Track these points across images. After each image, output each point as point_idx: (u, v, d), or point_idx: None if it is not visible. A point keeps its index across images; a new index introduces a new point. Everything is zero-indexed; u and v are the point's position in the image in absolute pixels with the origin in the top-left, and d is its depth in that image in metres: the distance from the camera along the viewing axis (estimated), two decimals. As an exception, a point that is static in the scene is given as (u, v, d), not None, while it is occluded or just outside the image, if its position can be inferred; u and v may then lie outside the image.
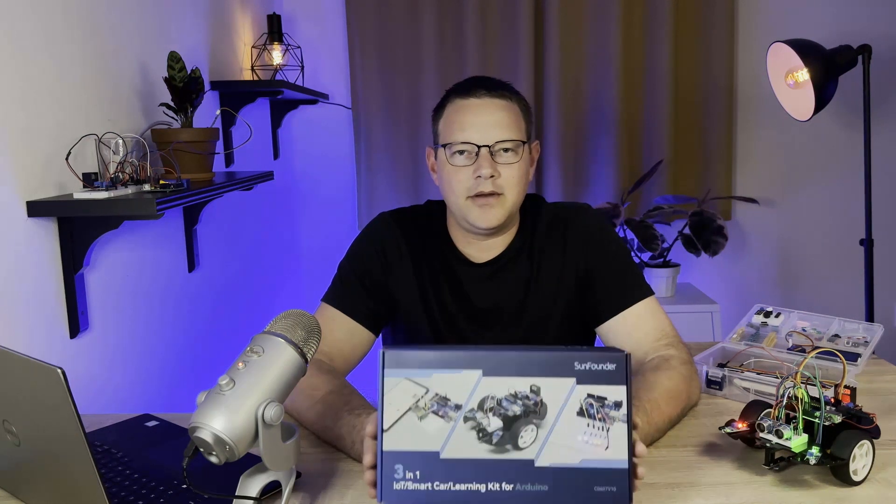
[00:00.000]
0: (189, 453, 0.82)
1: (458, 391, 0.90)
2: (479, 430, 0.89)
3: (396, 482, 0.88)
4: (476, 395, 0.89)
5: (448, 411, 0.89)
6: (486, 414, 0.89)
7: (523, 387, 0.89)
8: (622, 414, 0.89)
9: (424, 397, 0.89)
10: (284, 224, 3.15)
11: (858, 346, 1.41)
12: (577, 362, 0.90)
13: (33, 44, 1.40)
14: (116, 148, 1.57)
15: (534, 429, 0.89)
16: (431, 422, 0.89)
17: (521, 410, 0.89)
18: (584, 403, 0.89)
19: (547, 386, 0.89)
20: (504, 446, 0.89)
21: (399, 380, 0.90)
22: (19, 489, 0.98)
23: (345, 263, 1.41)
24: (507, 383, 0.90)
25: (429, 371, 0.90)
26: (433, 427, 0.89)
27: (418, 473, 0.88)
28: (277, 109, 3.02)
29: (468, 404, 0.89)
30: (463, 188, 1.30)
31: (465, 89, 1.33)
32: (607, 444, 0.88)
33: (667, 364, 1.23)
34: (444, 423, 0.89)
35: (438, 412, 0.89)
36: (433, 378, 0.90)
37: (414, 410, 0.89)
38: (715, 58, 3.12)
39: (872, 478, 0.99)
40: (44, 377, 0.80)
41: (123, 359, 1.71)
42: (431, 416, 0.89)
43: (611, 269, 1.36)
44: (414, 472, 0.88)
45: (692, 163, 3.23)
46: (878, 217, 3.03)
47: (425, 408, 0.89)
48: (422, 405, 0.89)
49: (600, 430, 0.89)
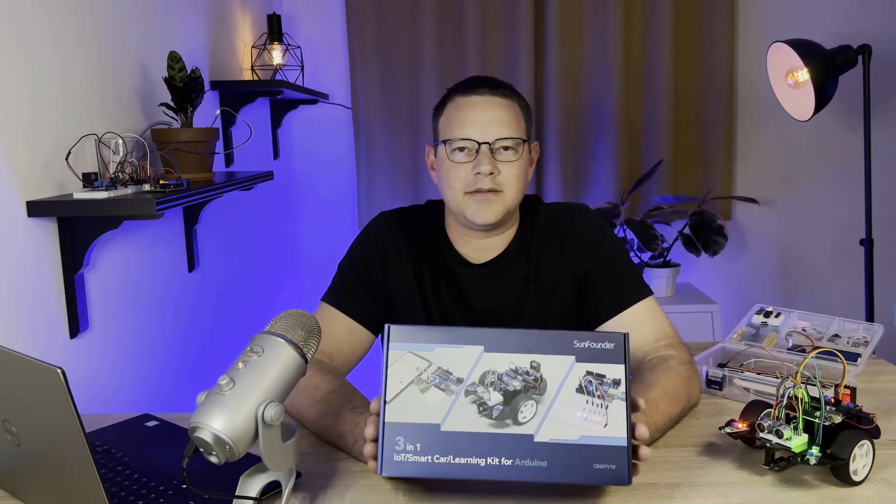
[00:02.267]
0: (189, 453, 0.82)
1: (460, 365, 0.92)
2: (479, 403, 0.91)
3: (397, 454, 0.89)
4: (477, 370, 0.92)
5: (450, 385, 0.91)
6: (486, 388, 0.91)
7: (524, 363, 0.92)
8: (621, 392, 0.91)
9: (427, 370, 0.92)
10: (284, 224, 3.15)
11: (858, 346, 1.41)
12: (576, 341, 0.92)
13: (34, 44, 1.40)
14: (116, 148, 1.57)
15: (533, 404, 0.91)
16: (433, 394, 0.91)
17: (521, 385, 0.91)
18: (584, 380, 0.91)
19: (547, 362, 0.92)
20: (504, 420, 0.90)
21: (403, 353, 0.92)
22: (19, 489, 0.98)
23: (344, 263, 1.41)
24: (507, 359, 0.92)
25: (432, 346, 0.92)
26: (435, 400, 0.91)
27: (419, 446, 0.89)
28: (277, 109, 3.02)
29: (469, 378, 0.91)
30: (461, 184, 1.30)
31: (467, 87, 1.33)
32: (606, 421, 0.90)
33: (666, 364, 1.23)
34: (446, 396, 0.91)
35: (440, 385, 0.91)
36: (436, 352, 0.92)
37: (416, 383, 0.91)
38: (715, 58, 3.12)
39: (872, 478, 0.99)
40: (44, 377, 0.80)
41: (123, 359, 1.71)
42: (433, 389, 0.91)
43: (609, 269, 1.36)
44: (415, 444, 0.89)
45: (692, 163, 3.23)
46: (878, 217, 3.03)
47: (427, 381, 0.91)
48: (424, 378, 0.91)
49: (599, 407, 0.90)
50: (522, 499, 0.96)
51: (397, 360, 0.92)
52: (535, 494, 0.97)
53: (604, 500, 0.96)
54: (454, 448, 0.89)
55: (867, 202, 2.75)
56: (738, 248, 3.32)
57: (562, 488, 0.98)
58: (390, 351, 0.92)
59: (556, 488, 0.98)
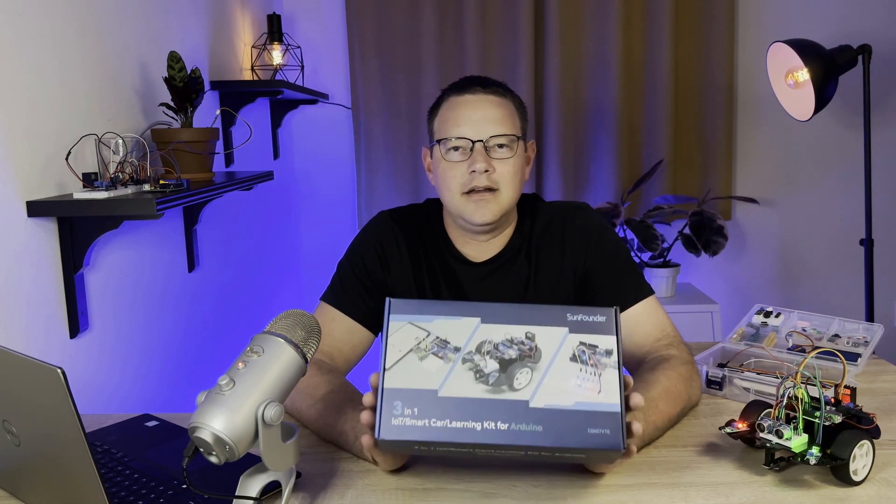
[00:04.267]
0: (189, 453, 0.82)
1: (458, 335, 0.95)
2: (476, 371, 0.93)
3: (395, 417, 0.91)
4: (474, 340, 0.94)
5: (447, 353, 0.94)
6: (483, 356, 0.94)
7: (519, 333, 0.95)
8: (613, 361, 0.93)
9: (426, 340, 0.94)
10: (284, 224, 3.15)
11: (858, 346, 1.41)
12: (569, 314, 0.96)
13: (34, 44, 1.40)
14: (116, 148, 1.57)
15: (528, 371, 0.93)
16: (431, 362, 0.93)
17: (516, 354, 0.94)
18: (577, 350, 0.94)
19: (541, 333, 0.95)
20: (500, 387, 0.92)
21: (403, 324, 0.95)
22: (19, 489, 0.98)
23: (344, 263, 1.41)
24: (503, 330, 0.95)
25: (431, 317, 0.96)
26: (433, 367, 0.93)
27: (416, 410, 0.91)
28: (277, 109, 3.02)
29: (466, 347, 0.94)
30: (458, 184, 1.30)
31: (460, 87, 1.34)
32: (599, 388, 0.92)
33: (667, 364, 1.22)
34: (444, 363, 0.93)
35: (438, 353, 0.94)
36: (435, 322, 0.95)
37: (415, 351, 0.94)
38: (715, 58, 3.12)
39: (872, 478, 0.99)
40: (44, 377, 0.80)
41: (123, 359, 1.71)
42: (431, 357, 0.93)
43: (610, 269, 1.36)
44: (412, 408, 0.91)
45: (692, 163, 3.23)
46: (878, 217, 3.03)
47: (426, 349, 0.94)
48: (423, 347, 0.94)
49: (592, 374, 0.93)
50: (521, 499, 0.97)
51: (397, 331, 0.95)
52: (533, 495, 0.97)
53: (603, 498, 0.96)
54: (451, 413, 0.90)
55: (867, 202, 2.75)
56: (738, 248, 3.32)
57: (562, 484, 0.98)
58: (391, 322, 0.95)
59: (555, 484, 0.98)
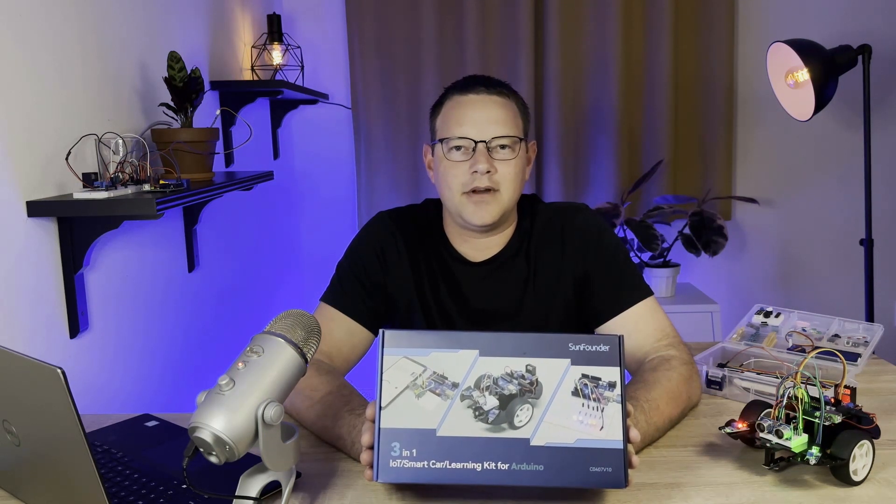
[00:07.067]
0: (189, 453, 0.82)
1: (456, 370, 0.91)
2: (475, 408, 0.90)
3: (393, 460, 0.89)
4: (473, 374, 0.91)
5: (445, 389, 0.91)
6: (482, 392, 0.91)
7: (519, 366, 0.91)
8: (616, 395, 0.90)
9: (422, 375, 0.91)
10: (284, 224, 3.15)
11: (858, 346, 1.41)
12: (571, 343, 0.92)
13: (34, 44, 1.40)
14: (116, 148, 1.57)
15: (529, 408, 0.90)
16: (429, 400, 0.90)
17: (516, 389, 0.91)
18: (579, 383, 0.91)
19: (542, 366, 0.91)
20: (500, 425, 0.90)
21: (398, 358, 0.92)
22: (19, 489, 0.98)
23: (343, 263, 1.41)
24: (503, 363, 0.92)
25: (427, 350, 0.92)
26: (430, 405, 0.90)
27: (415, 451, 0.89)
28: (277, 109, 3.02)
29: (465, 383, 0.91)
30: (458, 183, 1.30)
31: (464, 86, 1.34)
32: (602, 424, 0.90)
33: (667, 364, 1.22)
34: (441, 401, 0.90)
35: (436, 390, 0.91)
36: (431, 356, 0.92)
37: (412, 388, 0.91)
38: (715, 58, 3.12)
39: (872, 478, 0.99)
40: (44, 377, 0.80)
41: (123, 359, 1.71)
42: (429, 394, 0.91)
43: (609, 270, 1.36)
44: (410, 449, 0.89)
45: (692, 163, 3.23)
46: (878, 217, 3.03)
47: (423, 386, 0.91)
48: (419, 383, 0.91)
49: (595, 409, 0.90)
50: (521, 498, 0.96)
51: (392, 366, 0.92)
52: (532, 496, 0.97)
53: (603, 500, 0.96)
54: (450, 453, 0.89)
55: (867, 202, 2.75)
56: (738, 248, 3.32)
57: (559, 490, 0.98)
58: (385, 356, 0.92)
59: (553, 490, 0.98)
